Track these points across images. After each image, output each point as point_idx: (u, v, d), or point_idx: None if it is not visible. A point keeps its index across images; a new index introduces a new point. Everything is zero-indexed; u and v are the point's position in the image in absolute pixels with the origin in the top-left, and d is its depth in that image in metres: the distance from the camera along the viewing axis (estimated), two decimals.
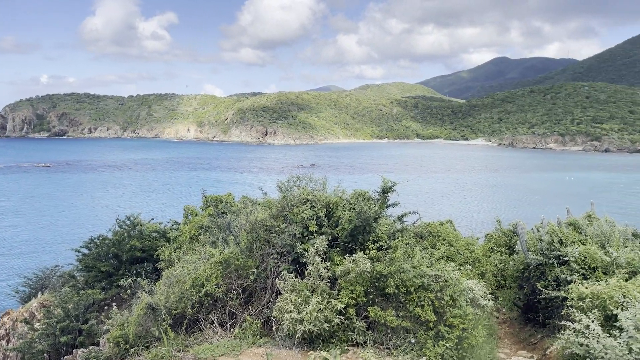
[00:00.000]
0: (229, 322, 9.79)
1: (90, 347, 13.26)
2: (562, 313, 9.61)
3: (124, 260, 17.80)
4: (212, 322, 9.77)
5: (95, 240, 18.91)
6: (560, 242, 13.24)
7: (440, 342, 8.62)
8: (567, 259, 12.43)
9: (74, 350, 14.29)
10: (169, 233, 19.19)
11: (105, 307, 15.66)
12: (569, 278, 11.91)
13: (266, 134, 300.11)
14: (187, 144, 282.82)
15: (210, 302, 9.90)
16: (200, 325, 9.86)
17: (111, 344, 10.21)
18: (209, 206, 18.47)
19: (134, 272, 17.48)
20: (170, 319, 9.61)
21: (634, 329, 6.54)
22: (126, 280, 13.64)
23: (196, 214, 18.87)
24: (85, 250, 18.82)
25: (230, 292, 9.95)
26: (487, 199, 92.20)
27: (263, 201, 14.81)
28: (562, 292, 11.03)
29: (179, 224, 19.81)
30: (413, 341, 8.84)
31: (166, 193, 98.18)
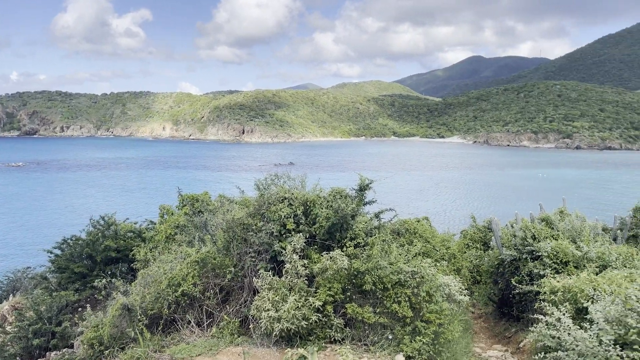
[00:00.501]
0: (206, 321, 9.72)
1: (64, 350, 13.03)
2: (535, 307, 9.81)
3: (98, 260, 17.50)
4: (189, 322, 9.69)
5: (68, 240, 18.54)
6: (534, 238, 13.52)
7: (417, 337, 8.72)
8: (540, 254, 12.71)
9: (47, 353, 14.01)
10: (144, 233, 18.96)
11: (79, 309, 15.37)
12: (541, 272, 12.17)
13: (243, 132, 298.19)
14: (163, 143, 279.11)
15: (187, 301, 9.81)
16: (177, 325, 9.77)
17: (85, 345, 10.03)
18: (185, 205, 18.31)
19: (109, 272, 17.21)
20: (146, 319, 9.50)
21: (603, 321, 6.73)
22: (100, 281, 13.39)
23: (172, 213, 18.68)
24: (58, 251, 18.43)
25: (207, 292, 9.88)
26: (463, 196, 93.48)
27: (240, 200, 14.75)
28: (535, 286, 11.26)
29: (155, 224, 19.58)
30: (390, 337, 8.92)
31: (141, 192, 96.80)
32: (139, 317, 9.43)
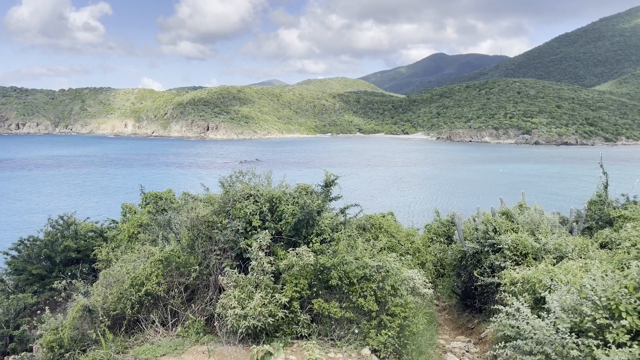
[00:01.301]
0: (171, 321, 9.58)
1: (23, 354, 12.60)
2: (496, 298, 10.09)
3: (58, 261, 16.98)
4: (154, 322, 9.52)
5: (25, 241, 17.89)
6: (495, 231, 13.88)
7: (383, 331, 8.84)
8: (500, 246, 13.06)
9: (5, 358, 13.54)
10: (106, 232, 18.50)
11: (38, 312, 14.89)
12: (502, 264, 12.51)
13: (208, 129, 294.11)
14: (125, 140, 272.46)
15: (151, 301, 9.64)
16: (141, 325, 9.58)
17: (45, 349, 9.72)
18: (148, 203, 17.97)
19: (69, 273, 16.72)
20: (108, 320, 9.28)
21: (560, 310, 6.98)
22: (60, 283, 12.99)
23: (135, 212, 18.30)
24: (15, 253, 17.76)
25: (172, 291, 9.73)
26: (427, 191, 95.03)
27: (205, 197, 14.57)
28: (497, 278, 11.57)
29: (117, 223, 19.14)
30: (356, 331, 9.01)
31: (102, 191, 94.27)
32: (101, 318, 9.21)
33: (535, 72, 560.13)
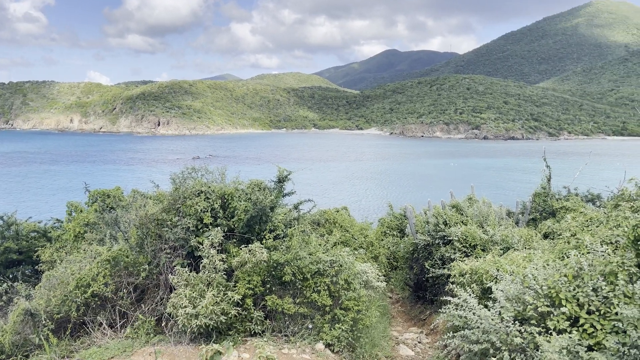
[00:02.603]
0: (120, 322, 9.29)
1: None
2: (447, 289, 10.35)
3: None
4: (101, 324, 9.20)
5: None
6: (445, 224, 14.23)
7: (337, 325, 8.90)
8: (451, 238, 13.41)
9: None
10: (50, 232, 17.71)
11: None
12: (452, 256, 12.85)
13: (159, 125, 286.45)
14: (71, 135, 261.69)
15: (98, 302, 9.31)
16: (88, 328, 9.25)
17: None
18: (95, 201, 17.34)
19: (10, 276, 15.91)
20: (52, 324, 8.90)
21: (504, 300, 7.24)
22: (0, 286, 12.36)
23: (81, 211, 17.61)
24: None
25: (121, 291, 9.43)
26: (380, 186, 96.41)
27: (155, 194, 14.19)
28: (447, 269, 11.88)
29: (62, 222, 18.36)
30: (310, 326, 9.04)
31: (45, 189, 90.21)
32: (44, 322, 8.82)
33: (484, 69, 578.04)
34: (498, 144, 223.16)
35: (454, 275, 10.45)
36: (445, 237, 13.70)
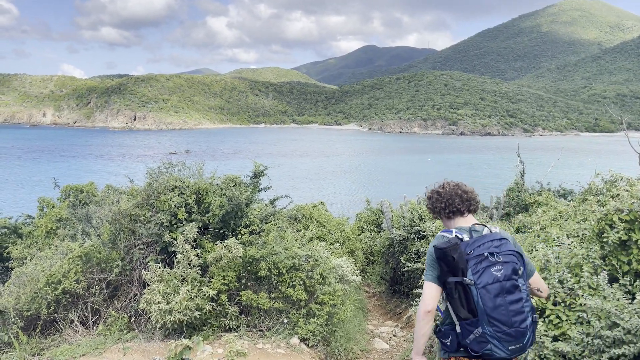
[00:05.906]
0: (92, 319, 9.17)
1: None
2: (421, 283, 10.48)
3: None
4: (72, 321, 9.07)
5: None
6: (420, 218, 14.39)
7: (312, 319, 8.95)
8: (425, 233, 13.58)
9: None
10: (21, 228, 17.33)
11: None
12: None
13: (135, 119, 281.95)
14: (43, 130, 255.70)
15: (70, 299, 9.17)
16: (59, 325, 9.11)
17: None
18: (68, 197, 17.06)
19: None
20: (21, 322, 8.75)
21: None
22: None
23: (53, 206, 17.30)
24: None
25: (93, 288, 9.31)
26: (358, 181, 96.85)
27: (129, 190, 14.02)
28: (421, 263, 12.04)
29: (33, 218, 18.00)
30: (285, 321, 9.07)
31: (16, 184, 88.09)
32: (13, 319, 8.66)
33: (461, 66, 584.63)
34: (474, 139, 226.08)
35: None
36: (420, 232, 13.87)
